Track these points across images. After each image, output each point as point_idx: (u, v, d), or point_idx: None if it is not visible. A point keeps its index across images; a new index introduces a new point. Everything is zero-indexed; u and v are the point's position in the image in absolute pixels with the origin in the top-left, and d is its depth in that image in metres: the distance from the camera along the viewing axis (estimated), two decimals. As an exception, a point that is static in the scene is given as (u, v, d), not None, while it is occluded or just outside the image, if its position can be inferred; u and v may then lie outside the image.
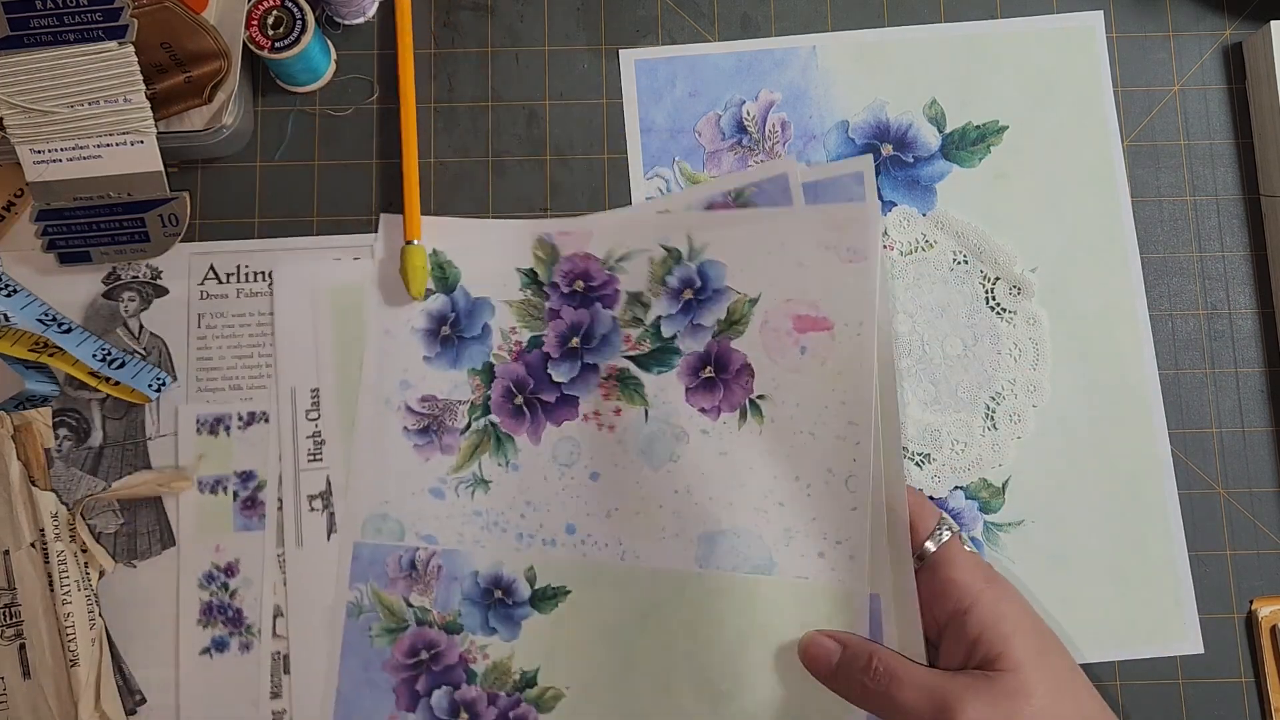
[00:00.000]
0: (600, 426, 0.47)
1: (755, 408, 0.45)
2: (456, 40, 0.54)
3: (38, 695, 0.48)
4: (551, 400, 0.47)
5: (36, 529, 0.49)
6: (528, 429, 0.47)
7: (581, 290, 0.47)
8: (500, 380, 0.47)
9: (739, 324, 0.46)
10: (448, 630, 0.47)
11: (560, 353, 0.47)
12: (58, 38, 0.47)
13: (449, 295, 0.48)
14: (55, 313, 0.51)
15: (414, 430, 0.48)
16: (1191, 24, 0.54)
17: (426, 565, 0.47)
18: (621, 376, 0.47)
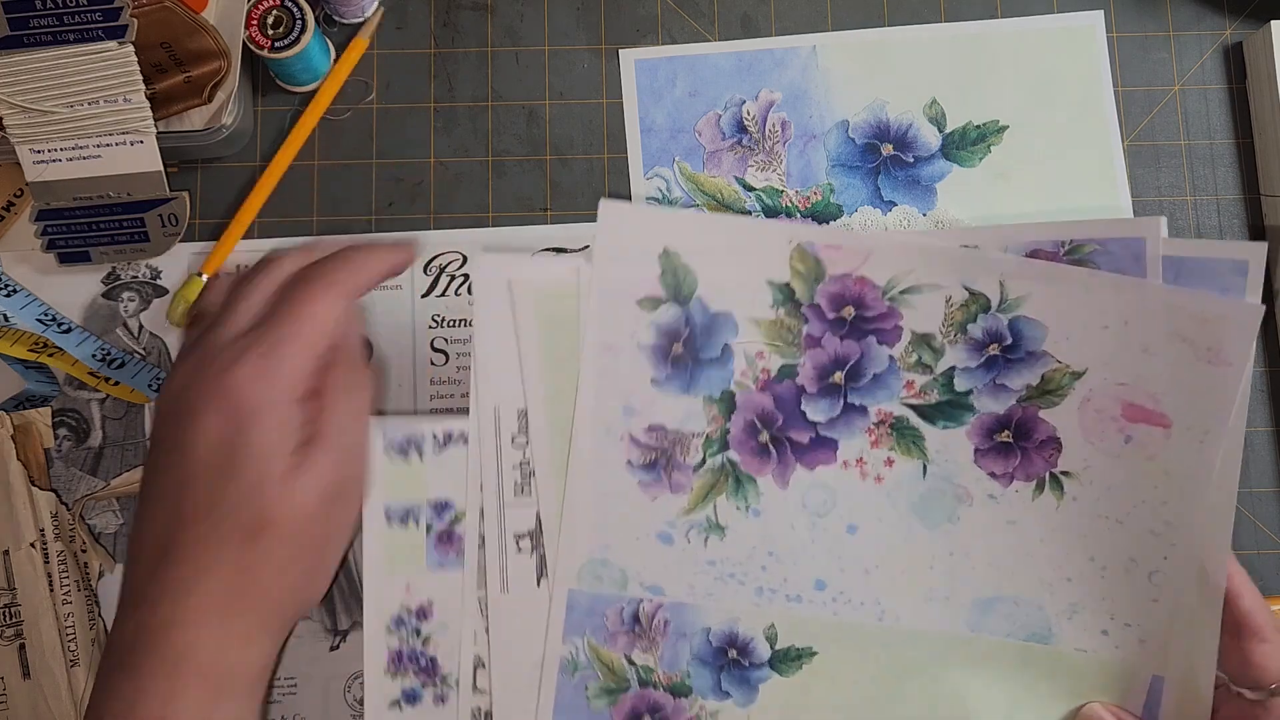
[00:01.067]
0: (864, 476, 0.40)
1: (1056, 482, 0.39)
2: (456, 40, 0.54)
3: (37, 695, 0.48)
4: (804, 440, 0.40)
5: (36, 529, 0.49)
6: (773, 470, 0.40)
7: (851, 319, 0.39)
8: (742, 413, 0.40)
9: (1053, 394, 0.39)
10: (674, 693, 0.41)
11: (819, 387, 0.40)
12: (57, 37, 0.47)
13: (682, 306, 0.39)
14: (55, 313, 0.51)
15: (639, 465, 0.40)
16: (1192, 23, 0.54)
17: (652, 619, 0.41)
18: (898, 425, 0.40)
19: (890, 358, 0.40)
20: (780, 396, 0.40)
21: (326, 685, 0.50)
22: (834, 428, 0.40)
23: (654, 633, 0.41)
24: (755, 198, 0.52)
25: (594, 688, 0.41)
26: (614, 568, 0.41)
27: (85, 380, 0.49)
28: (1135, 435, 0.38)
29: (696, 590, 0.41)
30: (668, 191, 0.53)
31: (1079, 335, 0.38)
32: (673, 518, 0.41)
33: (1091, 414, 0.38)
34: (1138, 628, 0.39)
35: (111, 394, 0.50)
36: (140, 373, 0.50)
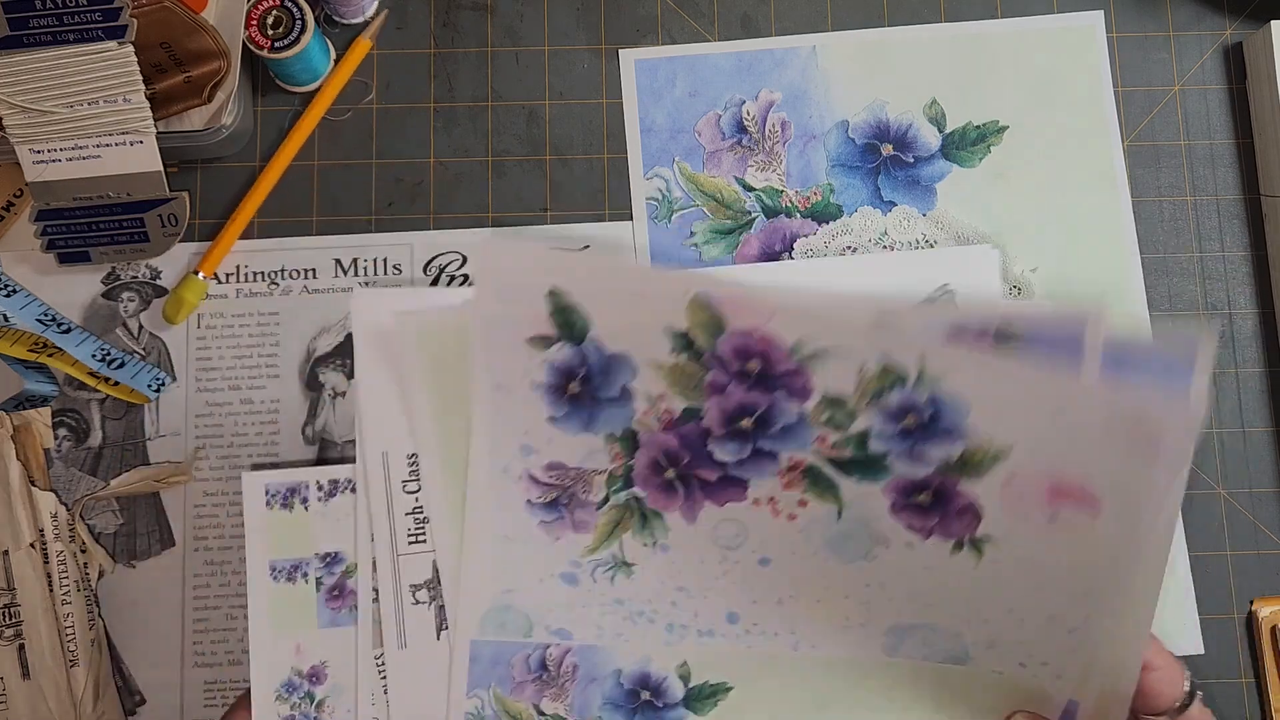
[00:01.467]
0: (777, 514, 0.38)
1: (975, 545, 0.37)
2: (456, 40, 0.54)
3: (37, 696, 0.48)
4: (712, 479, 0.37)
5: (36, 529, 0.49)
6: (681, 506, 0.38)
7: (756, 372, 0.36)
8: (646, 450, 0.37)
9: (973, 470, 0.35)
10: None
11: (725, 431, 0.37)
12: (57, 37, 0.47)
13: (577, 346, 0.36)
14: (54, 313, 0.51)
15: (539, 504, 0.38)
16: (1192, 24, 0.54)
17: (560, 665, 0.39)
18: (810, 472, 0.37)
19: (800, 413, 0.36)
20: (685, 436, 0.37)
21: (327, 685, 0.50)
22: (743, 468, 0.37)
23: (563, 679, 0.40)
24: (755, 198, 0.52)
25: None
26: (517, 613, 0.39)
27: (85, 380, 0.49)
28: (1061, 515, 0.35)
29: (605, 631, 0.39)
30: (668, 191, 0.53)
31: (1007, 417, 0.34)
32: (577, 557, 0.39)
33: (1013, 494, 0.36)
34: (1054, 665, 0.38)
35: (111, 394, 0.50)
36: (140, 373, 0.50)
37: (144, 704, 0.49)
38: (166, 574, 0.50)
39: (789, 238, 0.52)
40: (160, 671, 0.49)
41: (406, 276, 0.52)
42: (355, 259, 0.52)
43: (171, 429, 0.51)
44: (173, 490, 0.50)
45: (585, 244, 0.52)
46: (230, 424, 0.51)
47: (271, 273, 0.52)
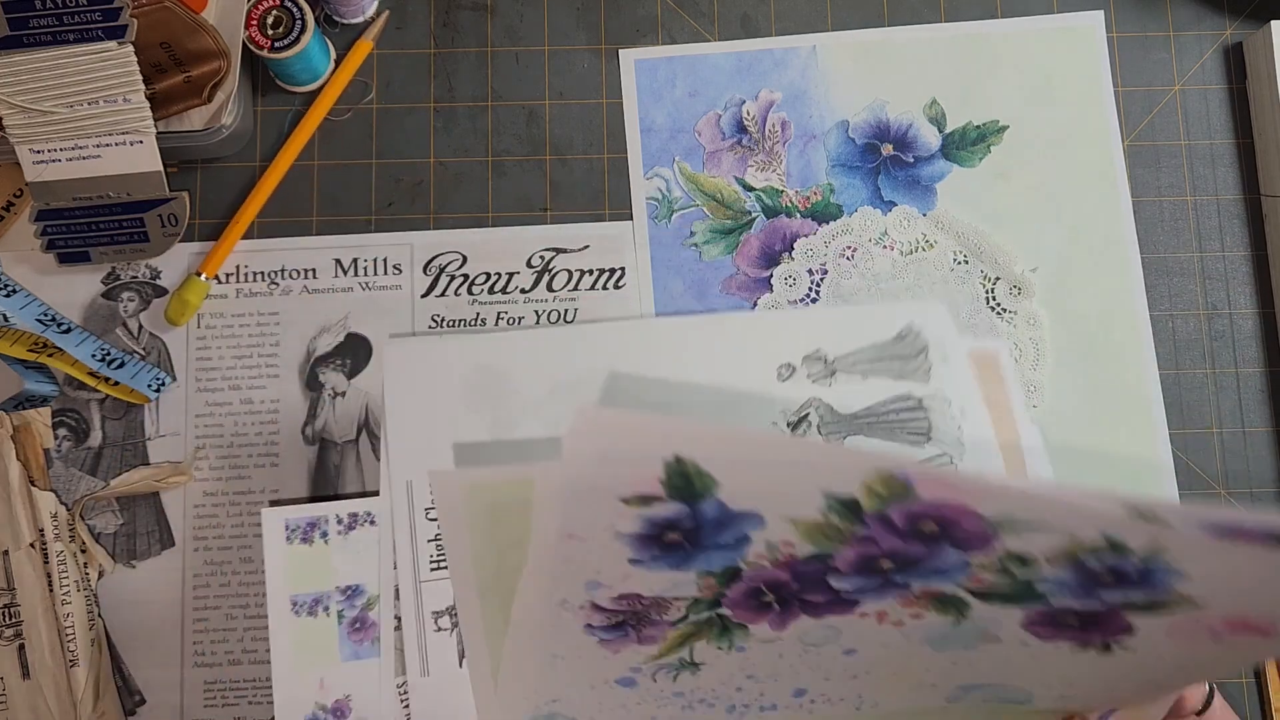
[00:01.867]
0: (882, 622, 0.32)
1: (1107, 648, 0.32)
2: (456, 40, 0.54)
3: (37, 695, 0.48)
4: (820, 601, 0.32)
5: (36, 529, 0.49)
6: (770, 619, 0.32)
7: (931, 533, 0.29)
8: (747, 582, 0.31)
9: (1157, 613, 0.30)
10: None
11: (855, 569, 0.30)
12: (57, 37, 0.47)
13: (689, 505, 0.28)
14: (54, 313, 0.51)
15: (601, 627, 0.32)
16: (1192, 23, 0.54)
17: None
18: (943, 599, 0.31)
19: (966, 562, 0.30)
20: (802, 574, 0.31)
21: (326, 685, 0.50)
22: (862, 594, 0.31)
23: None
24: (755, 197, 0.52)
25: None
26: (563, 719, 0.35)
27: (85, 380, 0.49)
28: (1227, 636, 0.31)
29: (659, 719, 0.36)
30: (668, 191, 0.53)
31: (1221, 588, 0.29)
32: (639, 664, 0.34)
33: (1188, 626, 0.31)
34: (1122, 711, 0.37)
35: (111, 394, 0.50)
36: (140, 373, 0.50)
37: (144, 704, 0.49)
38: (166, 574, 0.50)
39: (789, 238, 0.52)
40: (160, 671, 0.49)
41: (406, 277, 0.52)
42: (355, 259, 0.52)
43: (171, 429, 0.51)
44: (172, 490, 0.50)
45: (585, 245, 0.52)
46: (230, 424, 0.51)
47: (271, 273, 0.52)
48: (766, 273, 0.52)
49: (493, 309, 0.52)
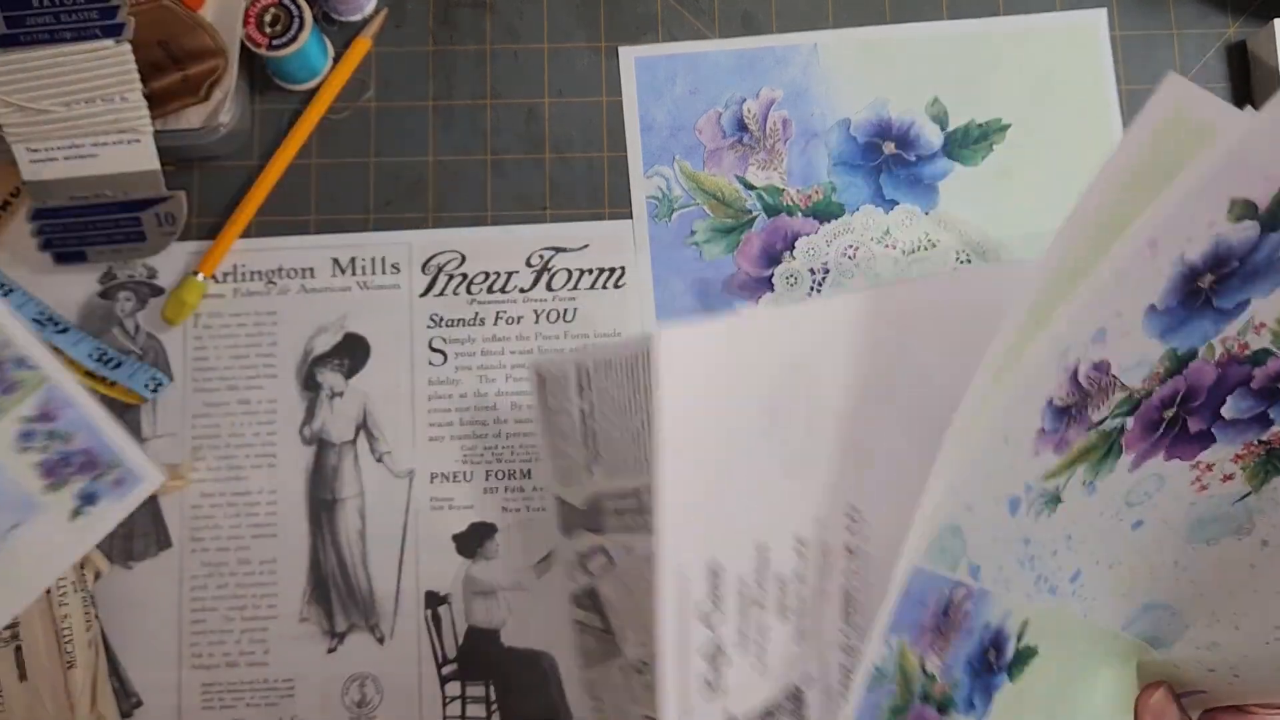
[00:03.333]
0: (1196, 480, 0.36)
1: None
2: (455, 38, 0.54)
3: (34, 698, 0.48)
4: (1193, 430, 0.35)
5: (33, 530, 0.49)
6: (1141, 450, 0.35)
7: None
8: (1180, 379, 0.34)
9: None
10: (940, 709, 0.33)
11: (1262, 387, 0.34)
12: (54, 36, 0.46)
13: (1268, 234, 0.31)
14: (51, 312, 0.50)
15: (1054, 408, 0.33)
16: (1195, 22, 0.54)
17: (960, 611, 0.33)
18: (1275, 453, 0.35)
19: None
20: (1225, 378, 0.34)
21: (324, 687, 0.49)
22: (1226, 429, 0.35)
23: (951, 629, 0.34)
24: (756, 196, 0.52)
25: (885, 707, 0.32)
26: (960, 540, 0.33)
27: (81, 380, 0.49)
28: None
29: (1000, 575, 0.35)
30: (668, 190, 0.52)
31: None
32: (1033, 479, 0.34)
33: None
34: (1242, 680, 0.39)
35: (108, 394, 0.50)
36: (137, 373, 0.49)
37: (140, 705, 0.49)
38: (163, 575, 0.50)
39: (790, 236, 0.52)
40: (157, 673, 0.49)
41: (404, 276, 0.52)
42: (353, 258, 0.52)
43: (169, 430, 0.50)
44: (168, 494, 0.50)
45: (584, 244, 0.52)
46: (227, 424, 0.51)
47: (269, 272, 0.52)
48: (768, 272, 0.52)
49: (491, 308, 0.52)
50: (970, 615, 0.33)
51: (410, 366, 0.51)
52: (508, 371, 0.51)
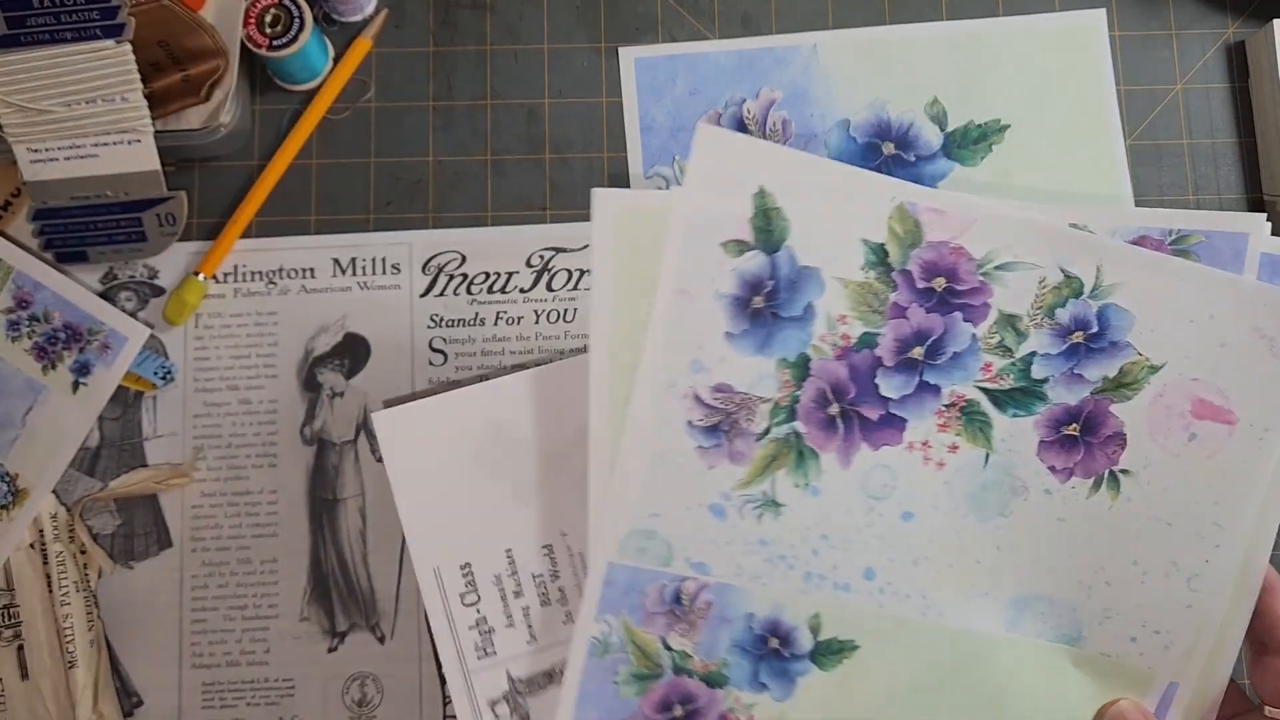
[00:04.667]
0: (927, 460, 0.40)
1: (1114, 480, 0.39)
2: (455, 39, 0.54)
3: (36, 697, 0.48)
4: (874, 417, 0.39)
5: (36, 530, 0.49)
6: (838, 447, 0.39)
7: (940, 291, 0.39)
8: (815, 380, 0.39)
9: (1128, 388, 0.38)
10: (709, 682, 0.39)
11: (896, 361, 0.39)
12: (55, 36, 0.46)
13: (770, 255, 0.38)
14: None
15: (700, 427, 0.39)
16: (1194, 22, 0.54)
17: (695, 600, 0.39)
18: (968, 409, 0.39)
19: (973, 336, 0.39)
20: (856, 367, 0.39)
21: (325, 686, 0.49)
22: (905, 405, 0.40)
23: (695, 615, 0.39)
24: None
25: (624, 672, 0.39)
26: (660, 540, 0.39)
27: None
28: (1200, 433, 0.38)
29: (744, 572, 0.39)
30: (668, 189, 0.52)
31: (1165, 327, 0.38)
32: (728, 490, 0.39)
33: (1162, 410, 0.39)
34: (1166, 635, 0.39)
35: (120, 383, 0.50)
36: (146, 361, 0.50)
37: (141, 705, 0.49)
38: (164, 575, 0.50)
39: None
40: (158, 672, 0.49)
41: (405, 276, 0.52)
42: (354, 258, 0.52)
43: (169, 429, 0.51)
44: (170, 491, 0.50)
45: (584, 244, 0.52)
46: (228, 424, 0.51)
47: (269, 272, 0.52)
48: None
49: (492, 308, 0.52)
50: (715, 604, 0.39)
51: (410, 366, 0.51)
52: (508, 372, 0.51)
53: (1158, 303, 0.38)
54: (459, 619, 0.39)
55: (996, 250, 0.39)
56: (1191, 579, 0.39)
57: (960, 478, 0.40)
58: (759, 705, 0.40)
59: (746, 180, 0.38)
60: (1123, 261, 0.38)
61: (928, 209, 0.39)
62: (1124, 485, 0.39)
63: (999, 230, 0.38)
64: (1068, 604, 0.40)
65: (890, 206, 0.39)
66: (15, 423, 0.49)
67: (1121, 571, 0.39)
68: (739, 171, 0.37)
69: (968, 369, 0.39)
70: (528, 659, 0.39)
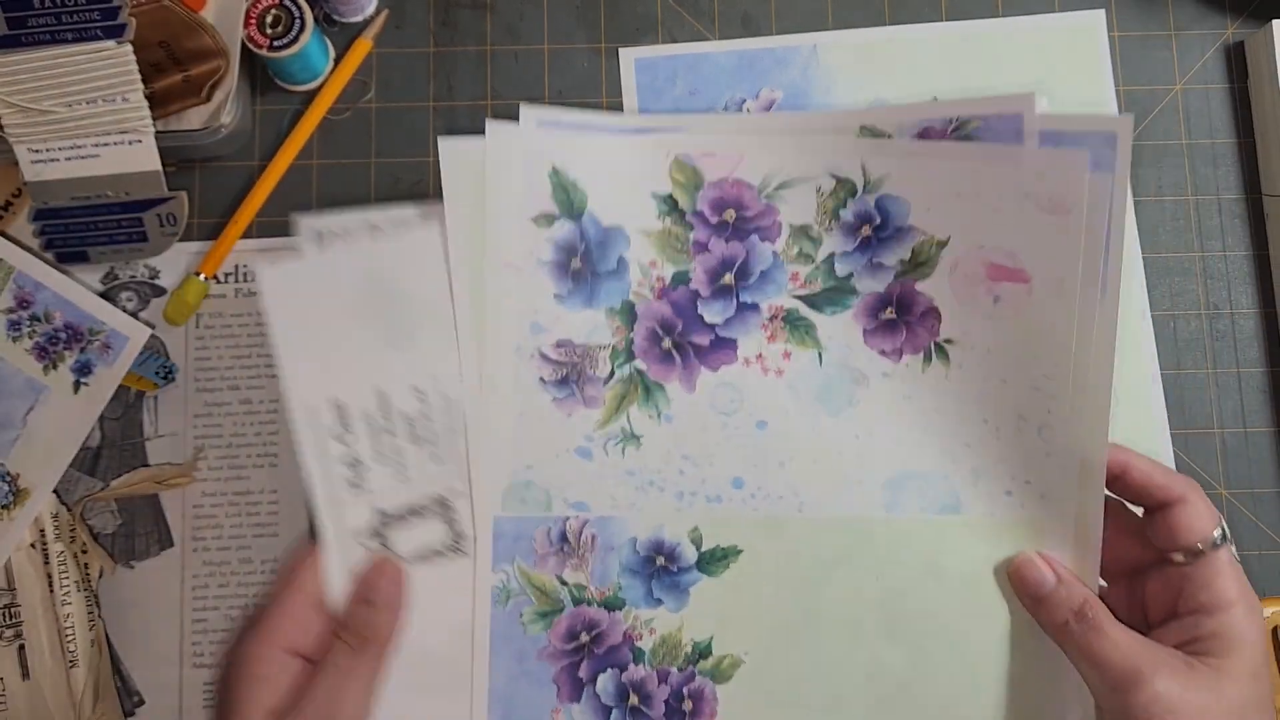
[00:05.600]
0: (765, 371, 0.42)
1: (941, 351, 0.41)
2: (455, 39, 0.54)
3: (37, 696, 0.48)
4: (705, 343, 0.42)
5: (36, 529, 0.49)
6: (679, 375, 0.42)
7: (733, 221, 0.42)
8: (644, 321, 0.42)
9: (925, 266, 0.41)
10: (608, 606, 0.43)
11: (711, 290, 0.42)
12: (56, 37, 0.46)
13: (575, 222, 0.41)
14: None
15: (552, 381, 0.42)
16: (1193, 23, 0.54)
17: (579, 536, 0.42)
18: (790, 318, 0.42)
19: (774, 253, 0.42)
20: (677, 303, 0.42)
21: None
22: (730, 327, 0.42)
23: (583, 549, 0.42)
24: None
25: (528, 613, 0.42)
26: (537, 488, 0.42)
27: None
28: (1002, 295, 0.40)
29: (619, 502, 0.42)
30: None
31: (938, 205, 0.41)
32: (590, 432, 0.42)
33: (961, 279, 0.41)
34: (1037, 483, 0.41)
35: (121, 383, 0.50)
36: (148, 360, 0.50)
37: (143, 704, 0.49)
38: (165, 575, 0.50)
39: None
40: (159, 672, 0.49)
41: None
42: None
43: (170, 429, 0.51)
44: (171, 491, 0.50)
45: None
46: (229, 424, 0.51)
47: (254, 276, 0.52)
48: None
49: (492, 309, 0.52)
50: (600, 536, 0.42)
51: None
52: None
53: (924, 185, 0.41)
54: (332, 454, 0.41)
55: (771, 174, 0.42)
56: (1041, 429, 0.40)
57: (802, 380, 0.42)
58: (657, 618, 0.43)
59: (538, 164, 0.41)
60: (882, 155, 0.41)
61: (700, 154, 0.42)
62: (951, 354, 0.41)
63: (766, 157, 0.42)
64: (938, 474, 0.42)
65: (668, 161, 0.42)
66: (16, 423, 0.49)
67: (977, 431, 0.41)
68: (529, 157, 0.41)
69: (778, 282, 0.42)
70: (394, 493, 0.41)
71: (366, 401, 0.41)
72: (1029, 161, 0.40)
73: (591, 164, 0.42)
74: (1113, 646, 0.38)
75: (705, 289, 0.42)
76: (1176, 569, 0.39)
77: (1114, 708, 0.38)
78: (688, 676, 0.43)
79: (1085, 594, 0.40)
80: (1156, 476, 0.39)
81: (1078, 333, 0.40)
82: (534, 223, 0.41)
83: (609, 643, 0.43)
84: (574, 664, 0.42)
